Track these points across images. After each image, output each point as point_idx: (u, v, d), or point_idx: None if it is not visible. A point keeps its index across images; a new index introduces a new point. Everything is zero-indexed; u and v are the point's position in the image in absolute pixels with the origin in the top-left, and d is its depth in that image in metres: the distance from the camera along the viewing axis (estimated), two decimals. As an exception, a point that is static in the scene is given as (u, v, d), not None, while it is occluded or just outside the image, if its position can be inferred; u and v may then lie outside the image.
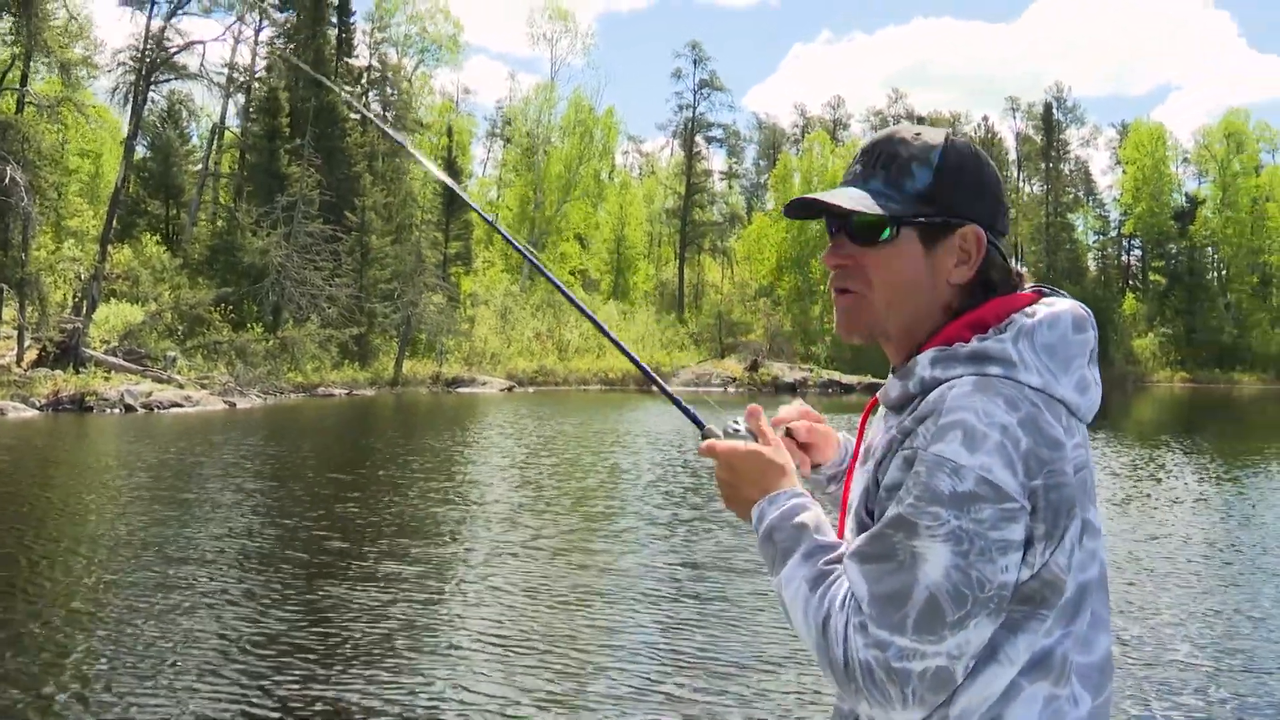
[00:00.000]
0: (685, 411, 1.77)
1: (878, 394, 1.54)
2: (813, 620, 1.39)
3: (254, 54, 51.53)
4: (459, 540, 10.12)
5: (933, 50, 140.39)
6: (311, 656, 6.19)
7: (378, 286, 43.94)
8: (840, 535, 1.53)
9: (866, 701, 1.34)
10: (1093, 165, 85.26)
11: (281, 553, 9.25)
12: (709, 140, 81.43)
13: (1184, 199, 78.10)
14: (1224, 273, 76.40)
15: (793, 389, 47.19)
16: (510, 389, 43.20)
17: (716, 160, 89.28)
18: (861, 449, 1.58)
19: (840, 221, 1.51)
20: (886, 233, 1.47)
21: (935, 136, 1.49)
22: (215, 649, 6.30)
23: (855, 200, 1.47)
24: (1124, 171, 77.90)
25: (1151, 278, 76.32)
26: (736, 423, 1.64)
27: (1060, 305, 1.46)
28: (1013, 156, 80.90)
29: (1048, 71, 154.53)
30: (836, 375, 50.15)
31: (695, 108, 76.25)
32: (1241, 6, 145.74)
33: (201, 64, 42.09)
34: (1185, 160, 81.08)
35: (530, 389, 44.61)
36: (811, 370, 51.05)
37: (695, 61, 75.36)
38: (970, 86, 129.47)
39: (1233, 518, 12.17)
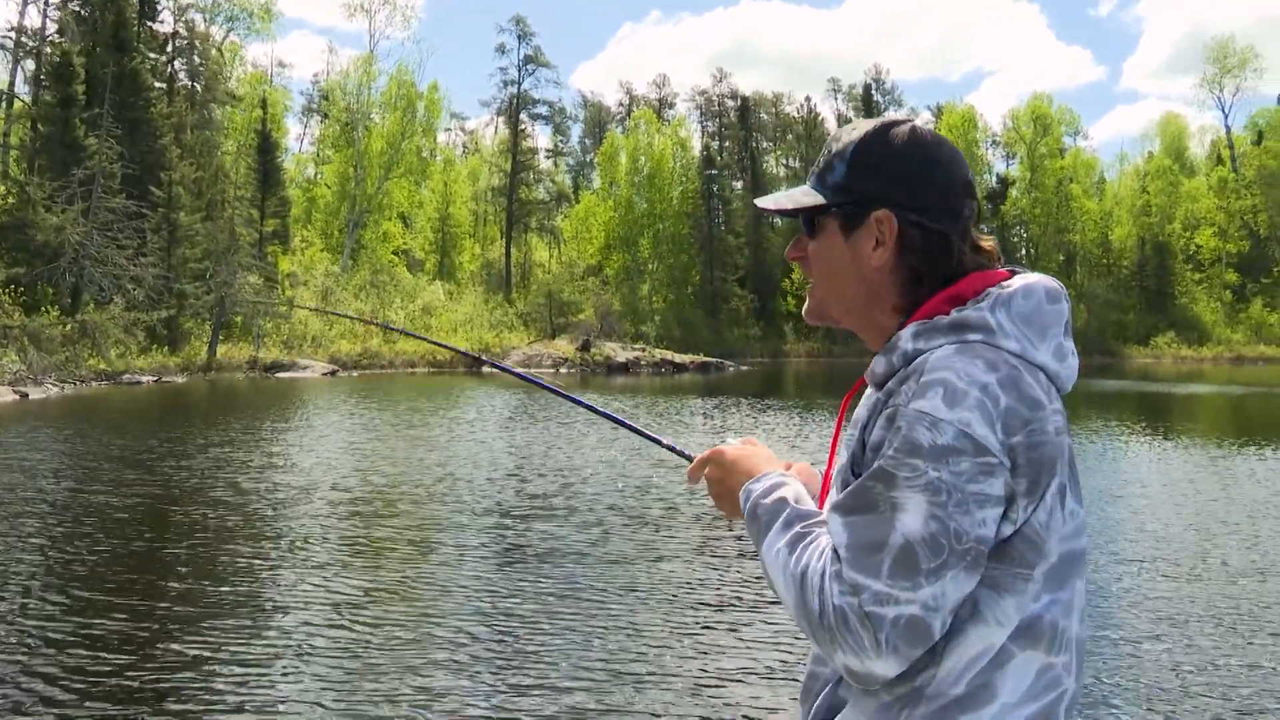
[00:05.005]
0: (671, 449, 1.95)
1: (865, 374, 1.55)
2: (792, 576, 1.39)
3: (44, 16, 48.01)
4: (271, 541, 9.04)
5: (757, 31, 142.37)
6: (113, 675, 5.15)
7: (188, 266, 41.43)
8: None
9: (842, 651, 1.33)
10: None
11: (77, 562, 8.04)
12: (534, 117, 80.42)
13: (995, 180, 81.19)
14: (1033, 251, 79.80)
15: (625, 369, 46.76)
16: (333, 373, 41.31)
17: (542, 138, 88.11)
18: (846, 425, 1.61)
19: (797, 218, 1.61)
20: (814, 224, 1.57)
21: (860, 131, 1.55)
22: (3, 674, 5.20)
23: (779, 200, 1.61)
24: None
25: (965, 256, 78.92)
26: (725, 440, 1.72)
27: (1033, 278, 1.50)
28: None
29: (868, 55, 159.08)
30: (669, 355, 49.88)
31: (520, 84, 75.14)
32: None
33: (-16, 25, 38.78)
34: (995, 143, 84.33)
35: (354, 373, 42.80)
36: (644, 350, 50.63)
37: (520, 36, 74.22)
38: (793, 67, 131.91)
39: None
